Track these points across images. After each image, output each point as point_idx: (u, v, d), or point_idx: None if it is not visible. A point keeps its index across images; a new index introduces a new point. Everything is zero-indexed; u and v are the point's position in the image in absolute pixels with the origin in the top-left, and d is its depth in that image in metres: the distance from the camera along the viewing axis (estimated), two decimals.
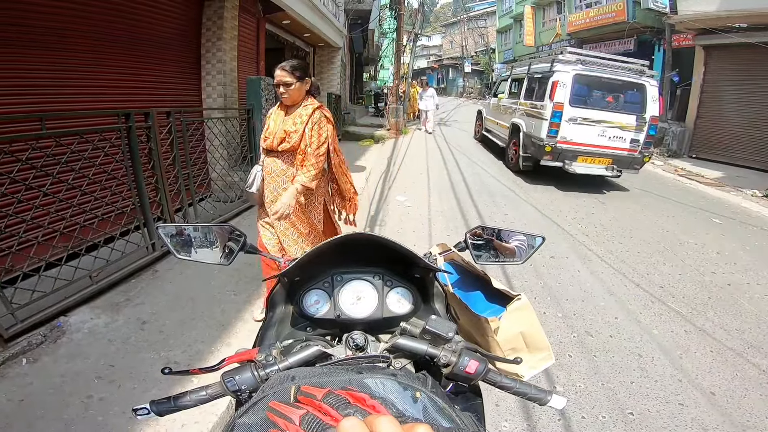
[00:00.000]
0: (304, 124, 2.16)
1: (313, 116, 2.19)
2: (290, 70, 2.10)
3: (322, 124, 2.20)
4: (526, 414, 2.04)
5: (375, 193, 5.81)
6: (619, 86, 6.58)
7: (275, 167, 2.26)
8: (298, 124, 2.16)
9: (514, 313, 1.05)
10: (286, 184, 2.26)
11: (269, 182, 2.29)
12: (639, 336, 2.76)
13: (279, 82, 2.12)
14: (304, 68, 2.17)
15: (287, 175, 2.26)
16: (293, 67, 2.11)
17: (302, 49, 10.18)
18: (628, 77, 6.56)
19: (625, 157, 6.57)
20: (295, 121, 2.18)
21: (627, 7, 13.05)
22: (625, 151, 6.56)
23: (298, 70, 2.12)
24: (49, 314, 2.35)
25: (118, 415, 1.80)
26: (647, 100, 6.49)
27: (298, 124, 2.16)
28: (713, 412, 2.12)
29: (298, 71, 2.12)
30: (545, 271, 3.61)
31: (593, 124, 6.46)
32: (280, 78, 2.11)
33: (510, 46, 25.91)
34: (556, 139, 6.42)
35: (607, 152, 6.55)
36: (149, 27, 4.28)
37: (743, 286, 3.56)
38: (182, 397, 0.72)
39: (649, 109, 6.49)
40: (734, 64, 9.59)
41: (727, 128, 9.79)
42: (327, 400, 0.45)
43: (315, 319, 0.96)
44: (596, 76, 6.51)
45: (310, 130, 2.18)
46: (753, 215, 5.92)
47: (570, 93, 6.37)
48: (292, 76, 2.10)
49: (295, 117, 2.19)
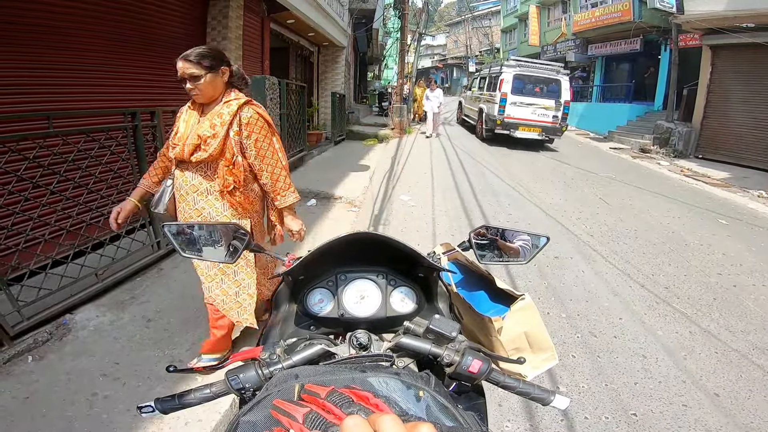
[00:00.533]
0: (226, 126, 1.71)
1: (241, 115, 1.75)
2: (196, 59, 1.66)
3: (258, 125, 1.78)
4: (528, 414, 2.04)
5: (379, 193, 5.81)
6: (543, 81, 10.34)
7: (187, 183, 1.80)
8: (218, 126, 1.71)
9: (518, 312, 1.05)
10: (200, 204, 1.80)
11: (180, 201, 1.84)
12: (643, 337, 2.75)
13: (183, 76, 1.68)
14: (215, 55, 1.73)
15: (202, 191, 1.79)
16: (201, 55, 1.67)
17: (307, 48, 10.20)
18: (549, 75, 10.30)
19: (549, 127, 10.21)
20: (213, 122, 1.71)
21: (633, 7, 12.99)
22: (549, 123, 10.20)
23: (208, 58, 1.69)
24: (55, 312, 2.36)
25: (122, 412, 1.81)
26: (562, 90, 10.16)
27: (218, 127, 1.71)
28: (717, 413, 2.11)
29: (208, 59, 1.69)
30: (549, 271, 3.60)
31: (527, 106, 10.11)
32: (183, 70, 1.67)
33: (515, 45, 25.80)
34: (504, 115, 10.13)
35: (538, 124, 10.19)
36: (155, 27, 4.31)
37: (749, 287, 3.54)
38: (186, 395, 0.73)
39: (563, 96, 10.15)
40: (741, 64, 9.52)
41: (733, 128, 9.72)
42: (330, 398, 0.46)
43: (319, 318, 0.96)
44: (528, 75, 10.28)
45: (237, 134, 1.75)
46: (760, 216, 5.87)
47: (511, 86, 10.07)
48: (199, 67, 1.66)
49: (212, 117, 1.73)
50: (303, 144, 7.12)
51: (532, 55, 22.31)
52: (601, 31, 15.05)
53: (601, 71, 16.95)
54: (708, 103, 10.36)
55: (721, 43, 9.41)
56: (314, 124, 9.99)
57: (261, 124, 1.79)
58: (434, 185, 6.43)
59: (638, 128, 12.59)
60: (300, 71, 10.37)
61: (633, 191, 6.75)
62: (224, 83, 1.78)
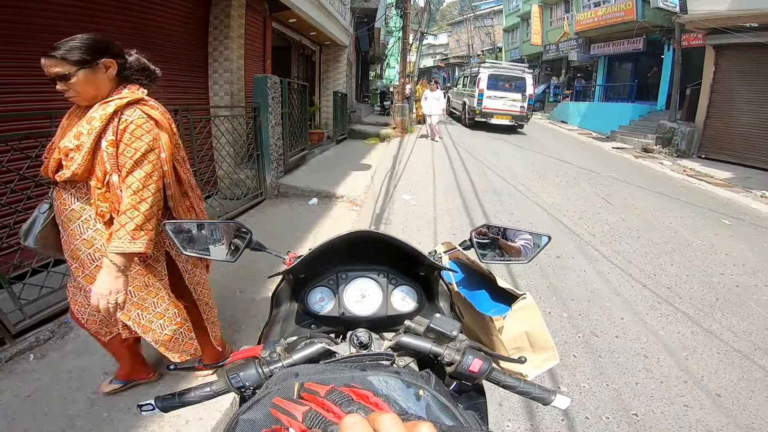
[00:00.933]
0: (95, 135, 1.29)
1: (121, 119, 1.32)
2: (61, 54, 1.27)
3: (137, 132, 1.33)
4: (529, 414, 2.03)
5: (380, 192, 5.81)
6: (512, 78, 13.10)
7: (66, 207, 1.40)
8: (84, 135, 1.30)
9: (519, 312, 1.05)
10: (88, 234, 1.41)
11: (63, 230, 1.46)
12: (645, 337, 2.74)
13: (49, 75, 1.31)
14: (90, 46, 1.32)
15: (87, 219, 1.40)
16: (69, 49, 1.28)
17: (308, 47, 10.20)
18: (516, 74, 13.29)
19: (518, 115, 12.93)
20: (80, 130, 1.31)
21: (636, 6, 12.96)
22: (517, 112, 12.89)
23: (77, 51, 1.29)
24: (57, 310, 2.37)
25: (123, 411, 1.82)
26: (527, 85, 12.98)
27: (84, 136, 1.30)
28: (718, 413, 2.11)
29: (77, 53, 1.29)
30: (551, 270, 3.59)
31: (500, 98, 12.84)
32: (46, 69, 1.30)
33: (517, 44, 25.76)
34: (482, 107, 12.86)
35: (508, 113, 12.88)
36: (158, 26, 4.31)
37: (751, 287, 3.52)
38: (186, 393, 0.73)
39: (527, 90, 12.97)
40: (745, 64, 9.48)
41: (736, 128, 9.68)
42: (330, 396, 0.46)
43: (319, 317, 0.96)
44: (499, 74, 13.18)
45: (111, 145, 1.31)
46: (762, 216, 5.85)
47: (487, 83, 12.81)
48: (66, 64, 1.28)
49: (81, 125, 1.33)
50: (305, 143, 7.13)
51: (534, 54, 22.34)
52: (604, 30, 15.01)
53: (603, 71, 16.91)
54: (711, 102, 10.32)
55: (724, 42, 9.37)
56: (316, 123, 9.99)
57: (140, 133, 1.33)
58: (435, 184, 6.42)
59: (641, 128, 12.55)
60: (302, 70, 10.37)
61: (635, 191, 6.73)
62: (111, 79, 1.38)
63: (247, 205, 4.79)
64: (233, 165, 4.85)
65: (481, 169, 7.60)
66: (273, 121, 5.21)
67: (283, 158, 5.72)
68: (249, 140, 4.97)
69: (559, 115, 17.89)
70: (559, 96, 19.91)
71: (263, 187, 5.19)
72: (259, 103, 4.98)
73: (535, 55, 22.67)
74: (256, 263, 3.10)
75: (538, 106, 21.97)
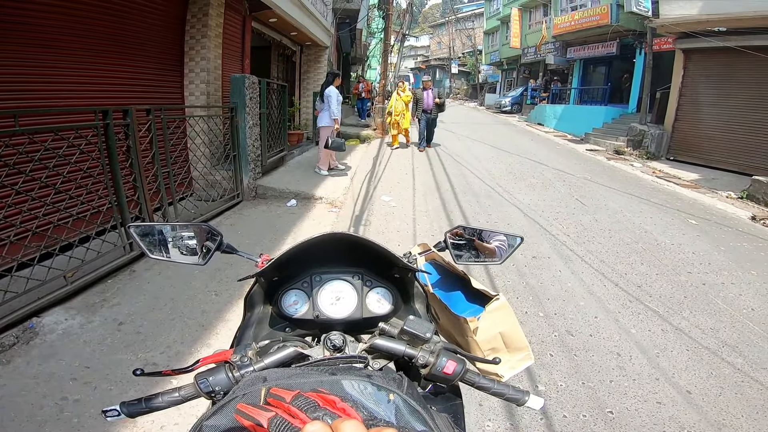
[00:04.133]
0: None
1: None
2: None
3: None
4: (509, 413, 2.06)
5: (360, 193, 5.79)
6: None
7: None
8: None
9: (493, 313, 1.05)
10: None
11: None
12: (618, 335, 2.81)
13: None
14: None
15: None
16: None
17: (289, 47, 10.10)
18: None
19: None
20: None
21: (611, 11, 13.30)
22: None
23: None
24: (22, 315, 2.28)
25: (93, 416, 1.76)
26: None
27: None
28: (690, 410, 2.17)
29: None
30: (527, 270, 3.65)
31: None
32: None
33: (497, 47, 26.14)
34: None
35: None
36: (131, 24, 4.19)
37: (717, 285, 3.65)
38: (154, 398, 0.70)
39: None
40: (712, 68, 9.83)
41: (703, 131, 10.03)
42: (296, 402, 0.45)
43: (294, 320, 0.95)
44: None
45: None
46: (728, 216, 6.08)
47: None
48: None
49: None
50: (284, 144, 7.05)
51: (513, 57, 22.70)
52: (580, 34, 15.36)
53: (579, 74, 17.32)
54: (679, 106, 10.67)
55: (693, 47, 9.69)
56: (296, 124, 9.90)
57: None
58: (415, 186, 6.44)
59: (613, 130, 12.87)
60: (282, 71, 10.26)
61: (608, 192, 6.91)
62: None
63: (223, 207, 4.70)
64: (209, 166, 4.76)
65: (460, 171, 7.66)
66: (251, 121, 5.13)
67: (261, 159, 5.65)
68: (226, 141, 4.89)
69: (536, 117, 18.22)
70: (536, 99, 20.27)
71: (240, 188, 5.10)
72: (237, 104, 4.90)
73: (514, 58, 23.05)
74: (231, 266, 3.04)
75: (516, 109, 22.38)
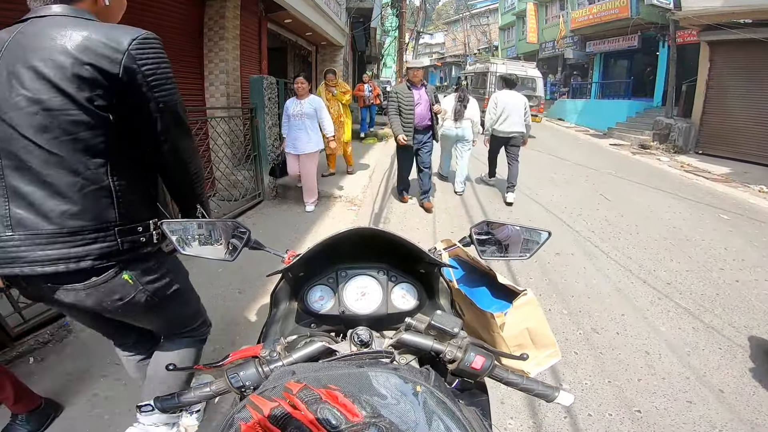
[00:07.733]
0: None
1: None
2: None
3: None
4: (531, 411, 2.03)
5: (378, 191, 5.79)
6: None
7: None
8: None
9: (520, 308, 1.04)
10: None
11: None
12: (646, 333, 2.74)
13: None
14: None
15: None
16: None
17: (305, 47, 10.18)
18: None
19: None
20: None
21: (631, 3, 12.97)
22: None
23: None
24: (56, 313, 2.35)
25: (124, 413, 1.81)
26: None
27: None
28: (721, 409, 2.10)
29: None
30: (551, 267, 3.59)
31: None
32: None
33: (513, 43, 25.78)
34: None
35: None
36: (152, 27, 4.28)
37: (751, 282, 3.52)
38: (186, 393, 0.72)
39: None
40: (739, 60, 9.50)
41: (732, 124, 9.70)
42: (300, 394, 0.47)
43: (319, 315, 0.95)
44: None
45: None
46: (761, 211, 5.86)
47: None
48: None
49: None
50: None
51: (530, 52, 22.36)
52: (599, 27, 15.02)
53: (599, 68, 16.94)
54: (707, 98, 10.34)
55: (718, 39, 9.39)
56: None
57: None
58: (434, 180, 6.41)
59: (638, 124, 12.56)
60: (298, 71, 10.33)
61: (633, 187, 6.74)
62: None
63: (245, 207, 4.77)
64: (231, 166, 4.83)
65: (478, 167, 7.59)
66: (270, 121, 5.19)
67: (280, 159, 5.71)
68: (246, 141, 4.96)
69: (556, 112, 17.91)
70: (556, 94, 19.92)
71: (261, 188, 5.17)
72: (256, 104, 4.97)
73: (531, 53, 22.69)
74: (255, 263, 3.08)
75: None
